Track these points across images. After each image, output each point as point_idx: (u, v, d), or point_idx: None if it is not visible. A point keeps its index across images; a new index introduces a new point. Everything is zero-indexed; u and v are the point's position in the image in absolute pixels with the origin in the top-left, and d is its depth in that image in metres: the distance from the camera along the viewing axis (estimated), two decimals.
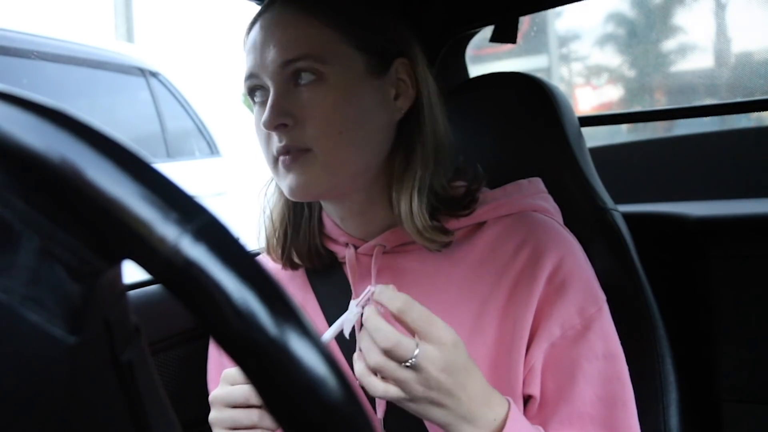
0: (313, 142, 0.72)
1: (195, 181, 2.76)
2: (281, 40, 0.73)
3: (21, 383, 0.26)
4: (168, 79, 2.99)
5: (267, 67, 0.73)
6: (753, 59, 3.44)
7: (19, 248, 0.26)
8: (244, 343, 0.24)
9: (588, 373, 0.73)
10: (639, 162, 1.94)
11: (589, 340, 0.74)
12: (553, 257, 0.75)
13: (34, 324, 0.26)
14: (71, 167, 0.24)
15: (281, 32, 0.73)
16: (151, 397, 0.31)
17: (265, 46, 0.74)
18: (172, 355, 1.04)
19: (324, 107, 0.72)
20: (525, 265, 0.76)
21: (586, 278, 0.76)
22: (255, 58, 0.74)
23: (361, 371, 0.62)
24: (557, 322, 0.74)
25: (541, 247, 0.76)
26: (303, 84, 0.72)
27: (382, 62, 0.76)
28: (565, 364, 0.73)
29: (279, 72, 0.73)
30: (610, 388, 0.74)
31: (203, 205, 0.26)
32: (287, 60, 0.72)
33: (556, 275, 0.75)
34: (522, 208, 0.81)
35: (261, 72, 0.74)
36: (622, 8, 6.07)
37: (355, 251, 0.81)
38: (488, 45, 1.39)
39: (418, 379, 0.60)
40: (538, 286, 0.74)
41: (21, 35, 2.31)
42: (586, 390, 0.73)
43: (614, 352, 0.75)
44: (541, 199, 0.85)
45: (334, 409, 0.25)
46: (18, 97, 0.26)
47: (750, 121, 2.56)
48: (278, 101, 0.72)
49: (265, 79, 0.74)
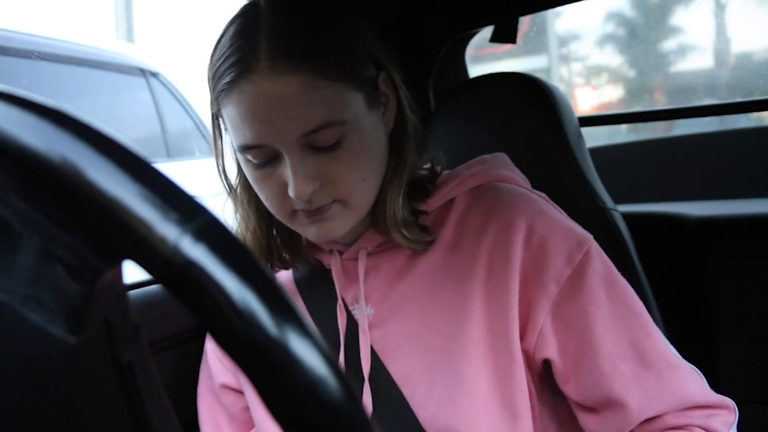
0: (342, 195, 0.71)
1: (195, 181, 2.76)
2: (296, 110, 0.66)
3: (21, 383, 0.26)
4: (168, 80, 2.99)
5: (280, 139, 0.68)
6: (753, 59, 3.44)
7: (19, 248, 0.26)
8: (244, 343, 0.24)
9: (599, 318, 0.71)
10: (639, 162, 1.94)
11: (587, 285, 0.72)
12: (523, 222, 0.74)
13: (35, 324, 0.26)
14: (71, 167, 0.24)
15: (292, 103, 0.66)
16: (151, 397, 0.31)
17: (273, 117, 0.67)
18: (172, 355, 1.04)
19: (348, 165, 0.70)
20: (497, 236, 0.75)
21: (564, 229, 0.75)
22: (260, 129, 0.67)
23: None
24: (550, 279, 0.72)
25: (509, 215, 0.75)
26: (321, 147, 0.69)
27: (372, 88, 0.73)
28: (575, 318, 0.72)
29: (297, 141, 0.68)
30: (625, 323, 0.72)
31: (203, 205, 0.26)
32: (307, 132, 0.67)
33: (531, 238, 0.74)
34: (485, 179, 0.81)
35: (272, 143, 0.68)
36: (622, 8, 6.07)
37: (340, 257, 0.82)
38: (488, 45, 1.39)
39: None
40: (515, 254, 0.73)
41: (21, 35, 2.31)
42: (604, 335, 0.71)
43: (616, 287, 0.74)
44: (506, 169, 0.84)
45: (334, 409, 0.25)
46: (18, 97, 0.26)
47: (750, 121, 2.56)
48: (302, 169, 0.68)
49: (278, 147, 0.69)
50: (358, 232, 0.80)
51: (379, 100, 0.75)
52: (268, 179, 0.71)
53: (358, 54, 0.71)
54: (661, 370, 0.72)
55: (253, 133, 0.68)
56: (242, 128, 0.69)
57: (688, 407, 0.72)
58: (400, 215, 0.75)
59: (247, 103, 0.67)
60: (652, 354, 0.72)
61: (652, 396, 0.71)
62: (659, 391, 0.71)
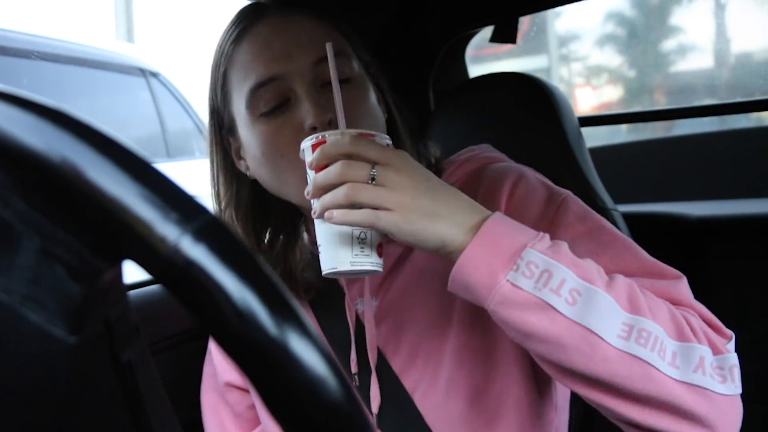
0: None
1: (195, 181, 2.76)
2: (311, 39, 0.72)
3: (21, 383, 0.26)
4: (168, 80, 2.99)
5: (299, 66, 0.70)
6: (753, 59, 3.44)
7: (19, 248, 0.26)
8: (245, 343, 0.24)
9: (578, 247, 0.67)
10: (639, 162, 1.94)
11: (562, 223, 0.71)
12: (507, 184, 0.75)
13: (35, 324, 0.26)
14: (71, 167, 0.24)
15: (304, 31, 0.72)
16: (151, 397, 0.31)
17: (290, 44, 0.71)
18: (172, 355, 1.04)
19: (358, 105, 0.72)
20: (485, 197, 0.75)
21: (543, 187, 0.76)
22: (276, 58, 0.71)
23: (343, 212, 0.58)
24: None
25: (496, 181, 0.76)
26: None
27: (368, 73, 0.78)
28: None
29: (312, 71, 0.71)
30: (606, 245, 0.70)
31: (203, 205, 0.26)
32: (321, 57, 0.70)
33: (514, 193, 0.75)
34: (479, 163, 0.82)
35: (289, 73, 0.71)
36: (622, 8, 6.07)
37: None
38: (488, 45, 1.39)
39: (398, 192, 0.58)
40: (500, 208, 0.74)
41: (21, 35, 2.31)
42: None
43: (593, 220, 0.72)
44: (493, 153, 0.86)
45: (333, 408, 0.25)
46: (18, 97, 0.26)
47: (750, 121, 2.56)
48: (318, 98, 0.70)
49: (292, 82, 0.71)
50: None
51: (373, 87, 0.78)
52: (281, 130, 0.71)
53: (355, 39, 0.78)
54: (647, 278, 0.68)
55: (266, 66, 0.71)
56: (255, 66, 0.72)
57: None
58: None
59: (260, 41, 0.72)
60: (636, 267, 0.69)
61: None
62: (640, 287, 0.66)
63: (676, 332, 0.59)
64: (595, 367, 0.56)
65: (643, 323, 0.57)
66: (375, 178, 0.58)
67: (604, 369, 0.56)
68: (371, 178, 0.58)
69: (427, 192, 0.59)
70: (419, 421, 0.76)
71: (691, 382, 0.57)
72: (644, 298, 0.60)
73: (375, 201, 0.57)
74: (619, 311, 0.57)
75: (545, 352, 0.58)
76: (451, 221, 0.59)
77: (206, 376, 0.92)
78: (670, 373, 0.57)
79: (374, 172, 0.58)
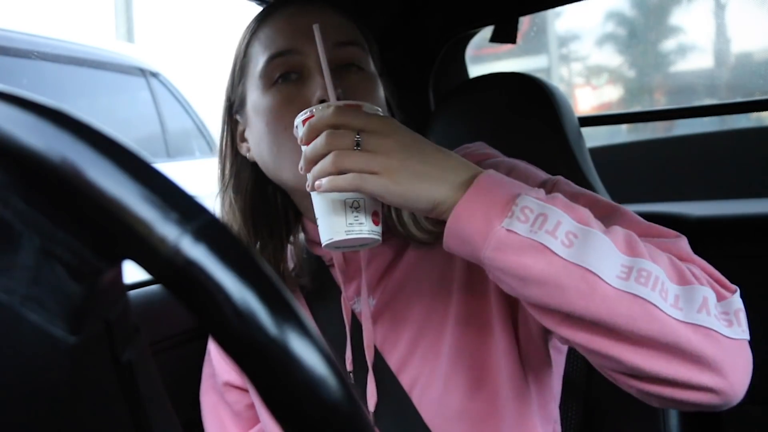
0: None
1: (195, 181, 2.76)
2: (332, 22, 0.74)
3: (21, 383, 0.26)
4: (168, 79, 2.99)
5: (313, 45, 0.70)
6: (753, 59, 3.44)
7: (19, 248, 0.26)
8: (244, 343, 0.24)
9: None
10: (639, 162, 1.94)
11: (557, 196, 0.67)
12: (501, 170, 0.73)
13: (35, 324, 0.26)
14: (71, 167, 0.24)
15: (326, 16, 0.75)
16: (151, 397, 0.31)
17: (309, 26, 0.70)
18: (172, 355, 1.04)
19: (367, 94, 0.74)
20: None
21: (536, 174, 0.75)
22: (297, 33, 0.73)
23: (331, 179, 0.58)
24: None
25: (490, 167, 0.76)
26: (346, 70, 0.74)
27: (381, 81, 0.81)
28: None
29: (328, 51, 0.70)
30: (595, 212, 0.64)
31: (203, 205, 0.26)
32: (339, 42, 0.74)
33: None
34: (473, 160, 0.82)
35: (305, 49, 0.73)
36: (622, 8, 6.07)
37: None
38: (488, 45, 1.39)
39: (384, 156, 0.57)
40: None
41: (21, 35, 2.31)
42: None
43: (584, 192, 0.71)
44: (488, 150, 0.86)
45: (333, 408, 0.25)
46: (18, 97, 0.26)
47: (750, 121, 2.56)
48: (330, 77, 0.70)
49: (308, 58, 0.73)
50: None
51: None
52: (291, 101, 0.72)
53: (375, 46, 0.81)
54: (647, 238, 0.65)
55: (287, 38, 0.74)
56: (276, 38, 0.75)
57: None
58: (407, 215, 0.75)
59: (285, 18, 0.76)
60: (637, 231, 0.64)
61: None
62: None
63: (678, 276, 0.57)
64: (595, 308, 0.54)
65: (642, 263, 0.55)
66: (360, 144, 0.58)
67: (604, 309, 0.54)
68: (356, 144, 0.58)
69: (416, 153, 0.58)
70: (417, 418, 0.76)
71: (695, 322, 0.55)
72: (643, 245, 0.58)
73: (360, 165, 0.57)
74: (617, 253, 0.55)
75: (543, 296, 0.55)
76: (442, 180, 0.58)
77: (205, 377, 0.92)
78: (673, 314, 0.54)
79: (359, 138, 0.58)
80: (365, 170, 0.57)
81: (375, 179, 0.57)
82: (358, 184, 0.57)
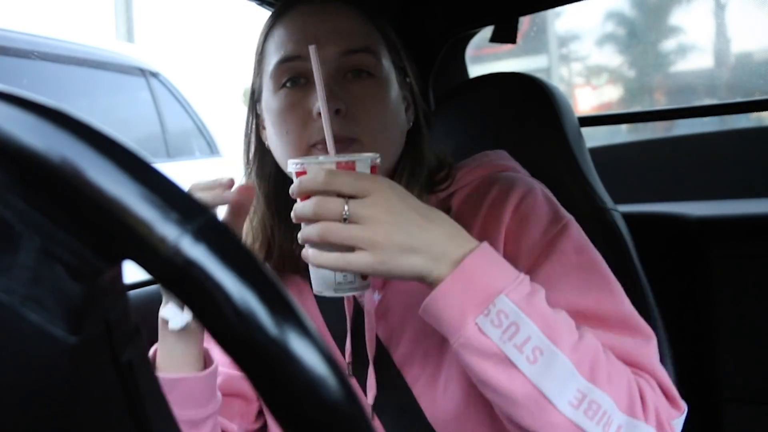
0: (363, 134, 0.73)
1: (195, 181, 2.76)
2: (342, 29, 0.74)
3: (22, 383, 0.26)
4: (168, 79, 2.99)
5: (323, 52, 0.70)
6: (753, 59, 3.44)
7: (19, 248, 0.26)
8: (244, 343, 0.24)
9: (566, 279, 0.69)
10: (639, 162, 1.94)
11: (558, 250, 0.72)
12: (517, 192, 0.76)
13: (35, 324, 0.26)
14: (71, 167, 0.24)
15: (338, 21, 0.75)
16: (151, 397, 0.31)
17: (321, 30, 0.73)
18: None
19: (375, 101, 0.74)
20: (491, 205, 0.77)
21: (548, 206, 0.77)
22: (305, 40, 0.72)
23: (315, 255, 0.59)
24: (524, 251, 0.73)
25: (506, 187, 0.77)
26: (353, 78, 0.74)
27: (401, 78, 0.81)
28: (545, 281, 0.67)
29: (335, 60, 0.73)
30: (592, 286, 0.70)
31: (203, 205, 0.26)
32: (349, 50, 0.74)
33: (520, 206, 0.76)
34: (490, 170, 0.83)
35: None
36: (622, 8, 6.07)
37: None
38: (488, 45, 1.39)
39: (369, 229, 0.57)
40: (504, 217, 0.75)
41: (21, 35, 2.31)
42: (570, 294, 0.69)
43: (592, 261, 0.73)
44: (507, 161, 0.87)
45: (334, 408, 0.25)
46: (18, 97, 0.26)
47: (750, 121, 2.56)
48: (332, 87, 0.71)
49: None
50: None
51: (404, 93, 0.81)
52: (294, 108, 0.74)
53: (395, 41, 0.80)
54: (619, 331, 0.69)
55: (295, 45, 0.74)
56: (286, 43, 0.76)
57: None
58: None
59: (296, 21, 0.76)
60: (614, 316, 0.69)
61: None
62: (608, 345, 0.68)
63: (628, 406, 0.61)
64: (539, 429, 0.58)
65: (596, 394, 0.59)
66: (347, 214, 0.57)
67: (547, 431, 0.58)
68: (344, 217, 0.57)
69: (404, 225, 0.58)
70: (419, 413, 0.76)
71: None
72: (606, 364, 0.61)
73: (346, 242, 0.58)
74: (576, 377, 0.59)
75: (497, 400, 0.60)
76: (429, 255, 0.59)
77: None
78: None
79: (347, 208, 0.58)
80: (350, 245, 0.58)
81: (360, 258, 0.58)
82: (343, 266, 0.59)
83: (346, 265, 0.58)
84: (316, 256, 0.59)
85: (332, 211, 0.58)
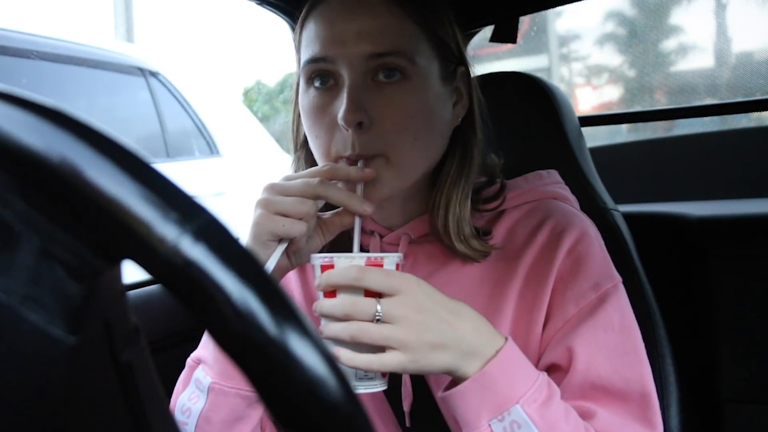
0: (389, 147, 0.70)
1: (195, 181, 2.76)
2: (371, 29, 0.69)
3: (21, 383, 0.26)
4: (168, 79, 2.99)
5: (349, 55, 0.69)
6: (753, 59, 3.44)
7: (19, 248, 0.26)
8: (244, 343, 0.24)
9: (603, 343, 0.72)
10: (639, 162, 1.94)
11: (605, 310, 0.73)
12: (573, 234, 0.76)
13: (34, 324, 0.26)
14: (71, 167, 0.24)
15: (370, 19, 0.69)
16: (151, 397, 0.31)
17: (348, 31, 0.69)
18: (172, 355, 1.04)
19: (404, 109, 0.70)
20: (545, 243, 0.76)
21: (603, 257, 0.77)
22: (332, 41, 0.70)
23: (348, 356, 0.59)
24: (572, 299, 0.73)
25: (561, 226, 0.76)
26: (385, 80, 0.70)
27: (450, 70, 0.76)
28: (581, 332, 0.72)
29: (363, 63, 0.69)
30: (626, 361, 0.72)
31: (203, 205, 0.26)
32: (378, 53, 0.69)
33: (574, 249, 0.75)
34: (542, 195, 0.82)
35: (339, 58, 0.69)
36: (622, 8, 6.07)
37: (380, 240, 0.82)
38: (488, 45, 1.39)
39: (401, 329, 0.58)
40: (557, 260, 0.75)
41: (21, 35, 2.31)
42: (602, 361, 0.71)
43: (631, 328, 0.74)
44: (560, 188, 0.86)
45: (333, 409, 0.25)
46: (18, 97, 0.26)
47: (750, 121, 2.56)
48: (357, 96, 0.68)
49: (341, 68, 0.70)
50: (404, 218, 0.80)
51: (453, 87, 0.77)
52: (323, 111, 0.72)
53: (446, 26, 0.75)
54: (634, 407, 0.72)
55: (322, 46, 0.71)
56: (315, 43, 0.71)
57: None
58: (468, 230, 0.75)
59: (325, 20, 0.71)
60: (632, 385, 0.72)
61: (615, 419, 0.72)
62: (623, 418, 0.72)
63: None
64: None
65: None
66: (380, 315, 0.58)
67: None
68: (376, 317, 0.58)
69: (434, 323, 0.60)
70: None
71: None
72: None
73: (379, 342, 0.58)
74: None
75: None
76: (458, 351, 0.61)
77: None
78: None
79: (379, 308, 0.58)
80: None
81: (393, 358, 0.59)
82: (376, 367, 0.59)
83: (381, 366, 0.59)
84: (350, 358, 0.59)
85: (365, 311, 0.58)
